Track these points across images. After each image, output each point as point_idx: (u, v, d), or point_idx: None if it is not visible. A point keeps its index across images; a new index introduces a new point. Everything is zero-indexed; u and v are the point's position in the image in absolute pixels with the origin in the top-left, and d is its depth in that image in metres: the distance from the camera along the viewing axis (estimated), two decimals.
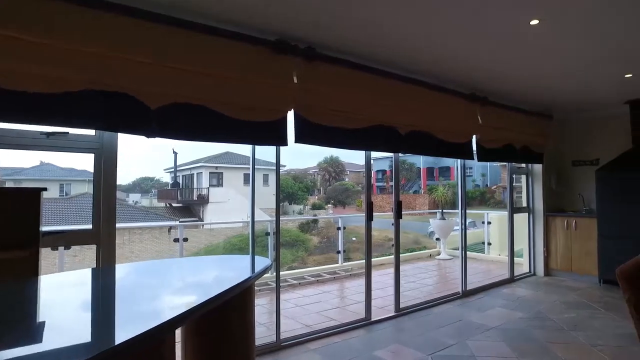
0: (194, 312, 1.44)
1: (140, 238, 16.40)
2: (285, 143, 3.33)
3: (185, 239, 5.80)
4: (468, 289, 5.33)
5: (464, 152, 4.96)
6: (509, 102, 5.59)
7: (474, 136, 5.10)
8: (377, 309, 4.56)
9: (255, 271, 2.02)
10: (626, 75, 4.52)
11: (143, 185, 35.79)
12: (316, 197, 32.43)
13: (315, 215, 23.19)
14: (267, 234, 5.94)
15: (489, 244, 8.27)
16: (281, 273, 6.94)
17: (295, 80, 3.37)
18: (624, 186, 5.52)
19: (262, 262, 2.25)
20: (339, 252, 7.19)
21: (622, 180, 5.55)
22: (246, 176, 23.43)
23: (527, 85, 5.00)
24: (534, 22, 3.04)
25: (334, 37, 3.37)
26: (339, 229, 7.28)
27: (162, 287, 1.97)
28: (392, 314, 4.45)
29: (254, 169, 3.59)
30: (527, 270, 6.47)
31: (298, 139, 3.39)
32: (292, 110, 3.38)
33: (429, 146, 4.52)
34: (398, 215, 4.50)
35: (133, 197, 30.90)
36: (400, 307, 4.53)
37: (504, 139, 5.49)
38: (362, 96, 3.83)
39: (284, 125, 3.33)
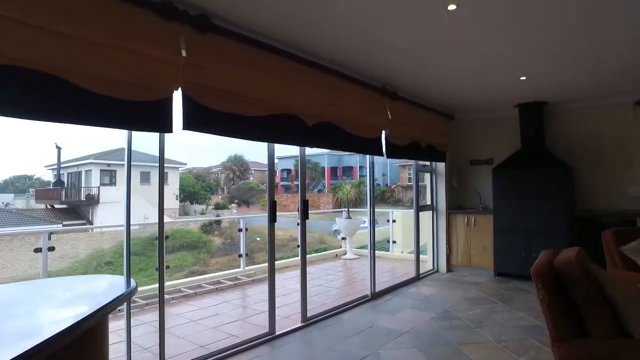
0: None
1: (10, 246, 13.94)
2: (169, 129, 2.69)
3: (52, 249, 4.75)
4: (377, 290, 5.15)
5: (373, 148, 4.75)
6: (416, 99, 5.55)
7: (384, 132, 4.92)
8: (283, 319, 4.11)
9: (103, 304, 1.40)
10: (521, 78, 4.68)
11: (18, 185, 31.38)
12: (220, 197, 31.19)
13: (219, 216, 22.15)
14: (167, 237, 5.13)
15: (394, 242, 8.35)
16: (175, 282, 6.26)
17: (184, 54, 2.76)
18: (515, 183, 5.82)
19: (117, 287, 1.64)
20: (240, 255, 6.60)
21: (513, 178, 5.85)
22: (144, 174, 21.46)
23: (433, 84, 4.96)
24: (452, 7, 2.84)
25: (230, 5, 2.83)
26: (240, 230, 6.68)
27: None
28: (299, 324, 4.03)
29: (129, 162, 2.89)
30: (431, 268, 6.56)
31: (187, 126, 2.78)
32: (180, 90, 2.76)
33: (338, 140, 4.19)
34: (304, 215, 4.10)
35: (3, 198, 26.72)
36: (308, 316, 4.14)
37: (412, 136, 5.43)
38: (263, 79, 3.33)
39: (169, 108, 2.68)
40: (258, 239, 12.11)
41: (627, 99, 5.65)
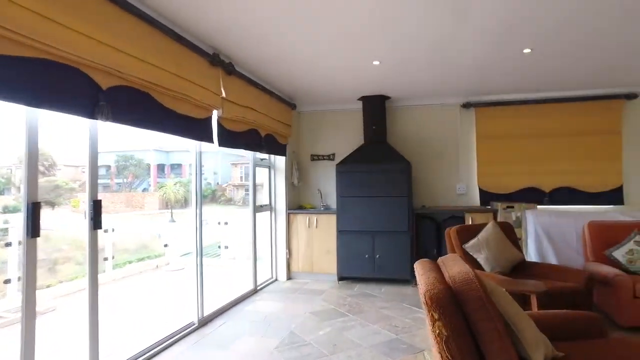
0: None
1: None
2: None
3: None
4: (205, 314, 4.03)
5: (202, 131, 3.62)
6: (256, 78, 4.63)
7: (215, 112, 3.83)
8: None
9: None
10: (374, 62, 4.23)
11: None
12: (12, 198, 24.54)
13: (7, 222, 17.08)
14: None
15: (226, 247, 7.28)
16: None
17: None
18: (359, 181, 5.47)
19: None
20: (7, 281, 4.60)
21: (357, 175, 5.48)
22: None
23: (274, 61, 4.12)
24: None
25: None
26: (8, 244, 4.65)
27: None
28: None
29: None
30: (270, 276, 5.74)
31: None
32: None
33: (150, 115, 2.93)
34: (94, 223, 2.70)
35: None
36: None
37: (250, 122, 4.48)
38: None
39: None
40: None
41: (456, 101, 5.90)
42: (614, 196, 5.44)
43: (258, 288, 5.23)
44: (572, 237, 4.65)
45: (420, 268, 2.25)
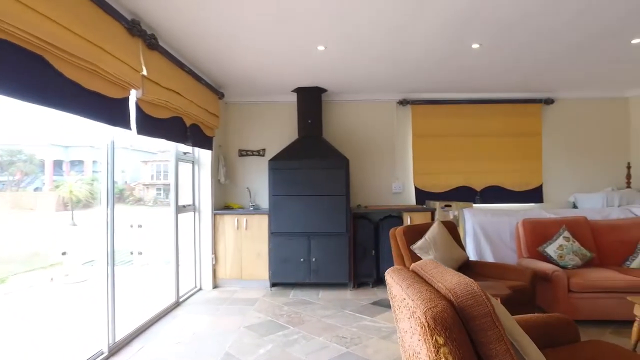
0: None
1: None
2: None
3: None
4: (118, 338, 3.32)
5: (118, 114, 2.92)
6: (182, 58, 3.98)
7: (135, 93, 3.15)
8: None
9: None
10: (319, 47, 3.85)
11: None
12: None
13: None
14: None
15: (140, 253, 6.37)
16: None
17: None
18: (294, 178, 5.06)
19: None
20: None
21: (291, 172, 5.07)
22: None
23: (205, 41, 3.54)
24: None
25: None
26: None
27: None
28: None
29: None
30: (193, 285, 5.08)
31: None
32: None
33: (45, 86, 2.21)
34: None
35: None
36: None
37: (174, 108, 3.83)
38: None
39: None
40: None
41: (393, 97, 5.77)
42: (536, 195, 5.73)
43: (181, 300, 4.55)
44: (506, 235, 4.74)
45: (398, 279, 1.91)
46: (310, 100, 5.39)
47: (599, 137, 5.81)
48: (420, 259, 3.89)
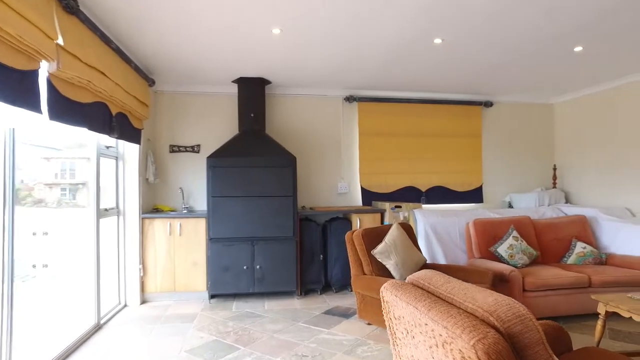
0: None
1: None
2: None
3: None
4: None
5: (22, 90, 2.24)
6: (108, 33, 3.30)
7: (47, 65, 2.47)
8: None
9: None
10: (274, 31, 3.42)
11: None
12: None
13: None
14: None
15: (45, 266, 5.36)
16: None
17: None
18: (236, 177, 4.56)
19: None
20: None
21: (234, 171, 4.56)
22: None
23: (134, 13, 2.95)
24: None
25: None
26: None
27: None
28: None
29: None
30: (117, 302, 4.34)
31: None
32: None
33: None
34: None
35: None
36: None
37: (98, 91, 3.15)
38: None
39: None
40: None
41: (339, 93, 5.51)
42: (476, 195, 5.85)
43: (103, 322, 3.83)
44: (456, 235, 4.71)
45: (408, 298, 1.60)
46: (254, 93, 4.92)
47: (530, 140, 6.11)
48: (380, 264, 3.65)
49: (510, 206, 5.84)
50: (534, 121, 6.13)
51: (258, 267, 4.57)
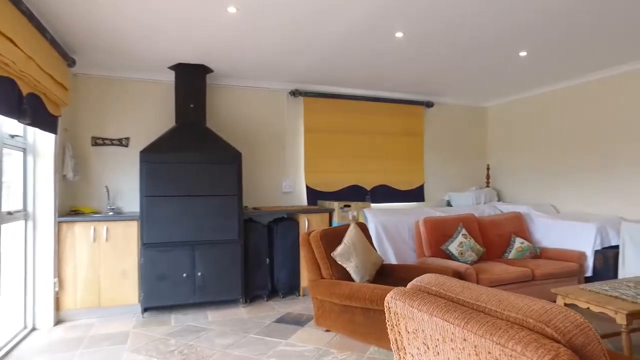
0: None
1: None
2: None
3: None
4: None
5: None
6: None
7: None
8: None
9: None
10: (229, 9, 3.04)
11: None
12: None
13: None
14: None
15: None
16: None
17: None
18: (174, 175, 4.06)
19: None
20: None
21: (171, 167, 4.05)
22: None
23: None
24: None
25: None
26: None
27: None
28: None
29: None
30: (22, 326, 3.60)
31: None
32: None
33: None
34: None
35: None
36: None
37: (3, 63, 2.52)
38: None
39: None
40: None
41: (285, 87, 5.21)
42: (418, 194, 5.92)
43: (3, 354, 3.11)
44: (405, 234, 4.68)
45: (430, 309, 1.40)
46: (194, 81, 4.44)
47: (466, 141, 6.35)
48: (339, 267, 3.44)
49: (449, 204, 6.01)
50: (470, 123, 6.38)
51: (199, 274, 4.11)
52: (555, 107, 5.36)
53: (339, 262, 3.43)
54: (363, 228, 3.90)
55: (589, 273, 4.35)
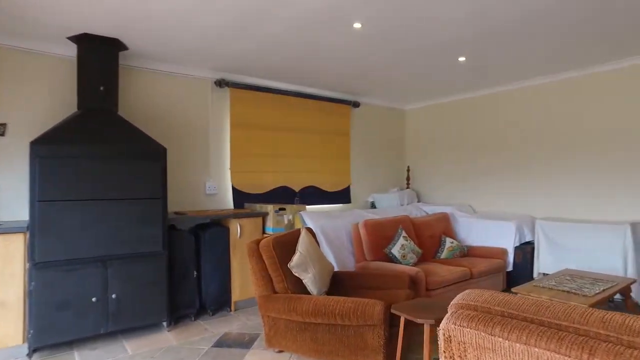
0: None
1: None
2: None
3: None
4: None
5: None
6: None
7: None
8: None
9: None
10: None
11: None
12: None
13: None
14: None
15: None
16: None
17: None
18: (79, 173, 3.22)
19: None
20: None
21: (75, 164, 3.20)
22: None
23: None
24: None
25: None
26: None
27: None
28: None
29: None
30: None
31: None
32: None
33: None
34: None
35: None
36: None
37: None
38: None
39: None
40: None
41: (210, 75, 4.60)
42: (345, 195, 5.79)
43: None
44: (344, 238, 4.47)
45: (516, 335, 1.16)
46: (104, 58, 3.61)
47: (387, 143, 6.43)
48: (294, 278, 3.07)
49: (373, 206, 6.00)
50: (391, 125, 6.48)
51: (113, 296, 3.33)
52: (470, 113, 5.70)
53: (295, 274, 3.05)
54: (312, 234, 3.57)
55: (510, 268, 4.67)
